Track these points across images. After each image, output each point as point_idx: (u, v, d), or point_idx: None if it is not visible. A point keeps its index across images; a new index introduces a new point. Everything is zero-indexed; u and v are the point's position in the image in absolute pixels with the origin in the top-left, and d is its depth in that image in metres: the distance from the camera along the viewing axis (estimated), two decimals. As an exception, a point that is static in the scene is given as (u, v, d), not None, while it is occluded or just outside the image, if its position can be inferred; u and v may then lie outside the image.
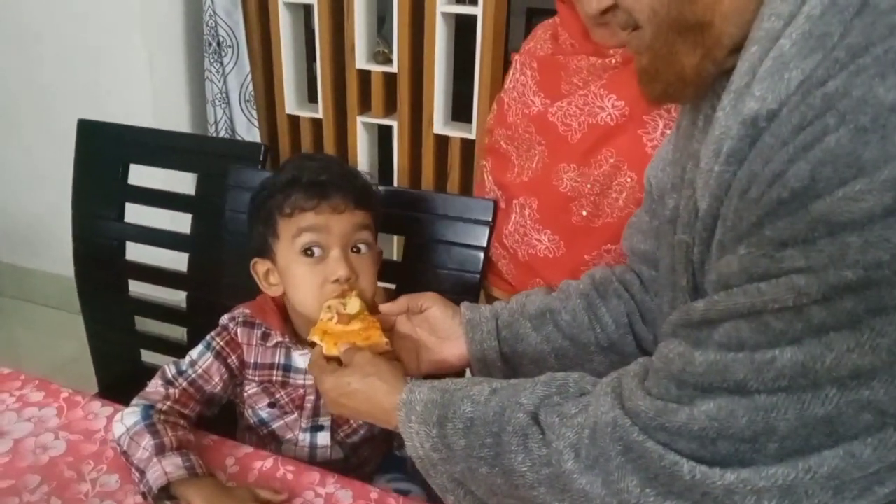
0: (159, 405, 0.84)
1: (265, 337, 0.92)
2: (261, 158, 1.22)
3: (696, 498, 0.53)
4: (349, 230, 0.87)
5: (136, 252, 1.34)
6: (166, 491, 0.76)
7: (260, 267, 0.91)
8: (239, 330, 0.92)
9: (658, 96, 0.63)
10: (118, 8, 2.09)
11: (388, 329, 0.88)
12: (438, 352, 0.90)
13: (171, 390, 0.86)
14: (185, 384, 0.88)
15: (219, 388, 0.90)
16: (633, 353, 0.85)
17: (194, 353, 0.91)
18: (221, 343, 0.91)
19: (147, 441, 0.78)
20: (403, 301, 0.90)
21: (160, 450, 0.78)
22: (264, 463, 0.83)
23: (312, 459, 0.92)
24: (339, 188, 0.86)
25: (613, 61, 0.92)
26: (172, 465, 0.76)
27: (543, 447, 0.61)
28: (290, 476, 0.81)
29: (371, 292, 0.90)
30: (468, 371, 0.97)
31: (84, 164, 1.31)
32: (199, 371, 0.89)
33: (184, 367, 0.89)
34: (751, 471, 0.51)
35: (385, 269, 1.18)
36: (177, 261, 1.32)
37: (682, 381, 0.54)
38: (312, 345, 0.88)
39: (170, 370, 0.89)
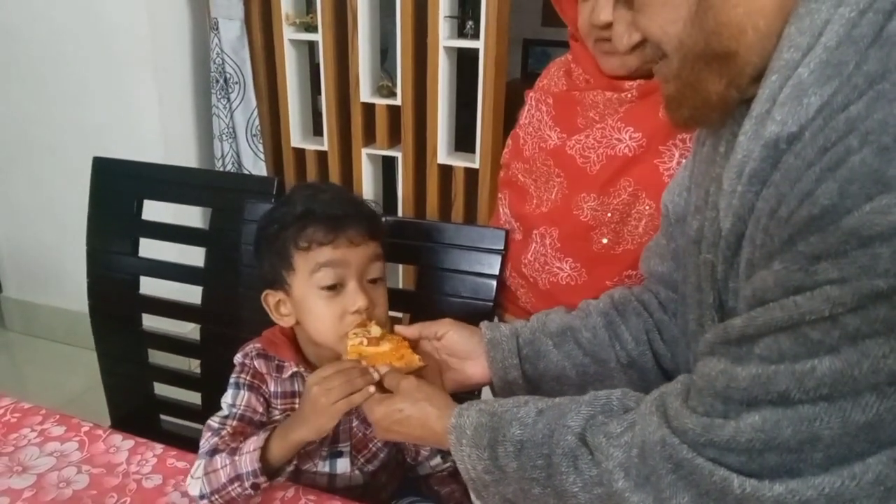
0: (217, 444, 0.84)
1: (279, 369, 0.93)
2: (273, 192, 1.24)
3: None
4: (365, 262, 0.88)
5: (146, 285, 1.36)
6: (269, 471, 0.80)
7: (271, 298, 0.92)
8: (256, 362, 0.93)
9: (685, 121, 0.67)
10: (129, 47, 2.14)
11: (414, 348, 0.89)
12: (461, 371, 0.92)
13: (224, 432, 0.86)
14: (234, 423, 0.88)
15: (265, 417, 0.91)
16: (653, 370, 0.87)
17: (227, 398, 0.91)
18: (248, 377, 0.91)
19: (219, 460, 0.81)
20: (416, 329, 0.91)
21: (234, 451, 0.81)
22: (286, 493, 0.83)
23: (332, 487, 0.92)
24: (353, 220, 0.88)
25: (629, 95, 0.95)
26: (254, 443, 0.80)
27: (594, 467, 0.63)
28: (311, 505, 0.82)
29: (385, 320, 0.91)
30: (485, 390, 0.98)
31: (98, 201, 1.33)
32: (242, 407, 0.89)
33: (226, 412, 0.89)
34: (799, 481, 0.52)
35: (398, 299, 1.20)
36: (183, 293, 1.34)
37: (727, 396, 0.56)
38: None
39: (213, 422, 0.88)
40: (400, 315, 1.83)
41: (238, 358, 0.94)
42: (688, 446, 0.57)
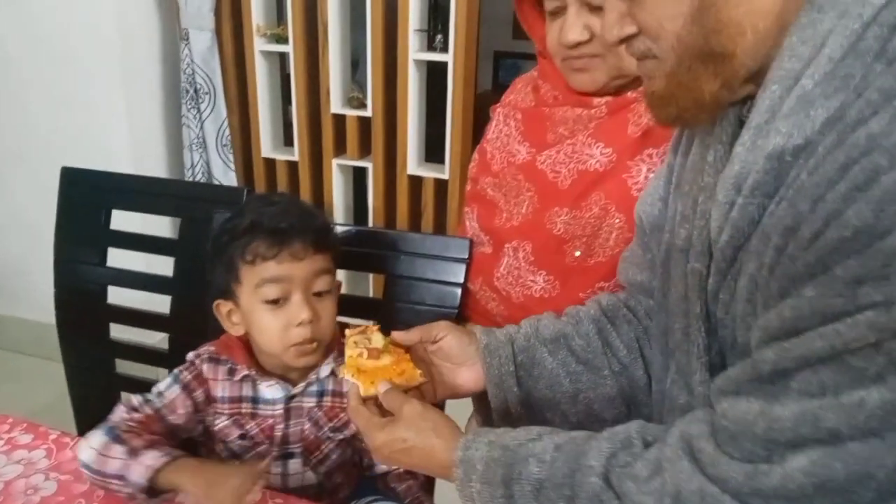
0: (123, 425, 0.86)
1: (231, 372, 0.95)
2: (243, 202, 1.26)
3: None
4: (309, 276, 0.89)
5: (113, 295, 1.36)
6: (151, 489, 0.79)
7: (223, 307, 0.94)
8: (205, 366, 0.95)
9: (672, 120, 0.66)
10: (98, 57, 2.14)
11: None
12: (454, 378, 0.90)
13: (135, 415, 0.89)
14: (149, 411, 0.90)
15: (181, 419, 0.92)
16: (642, 377, 0.87)
17: (162, 385, 0.94)
18: (189, 377, 0.94)
19: (117, 450, 0.81)
20: (416, 333, 0.89)
21: (133, 453, 0.81)
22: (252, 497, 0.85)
23: (285, 487, 0.94)
24: (298, 234, 0.88)
25: (598, 112, 0.98)
26: (151, 458, 0.80)
27: None
28: (279, 509, 0.83)
29: (330, 332, 0.93)
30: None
31: (67, 211, 1.33)
32: (165, 401, 0.92)
33: (150, 397, 0.92)
34: None
35: (366, 307, 1.22)
36: (150, 304, 1.34)
37: (770, 439, 0.53)
38: (293, 376, 0.92)
39: (136, 399, 0.91)
40: (370, 322, 1.85)
41: (190, 356, 0.96)
42: (730, 496, 0.54)
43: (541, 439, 0.68)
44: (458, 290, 1.10)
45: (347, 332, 0.86)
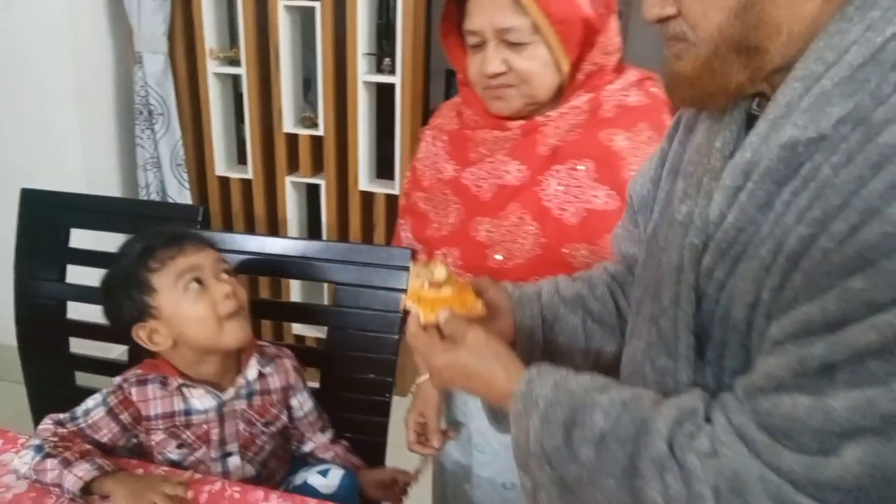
0: (47, 445, 0.92)
1: (163, 384, 1.01)
2: (199, 219, 1.33)
3: None
4: (215, 262, 1.01)
5: (72, 310, 1.41)
6: (87, 492, 0.88)
7: (142, 331, 0.99)
8: (133, 390, 1.00)
9: (692, 101, 0.70)
10: (53, 80, 2.19)
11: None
12: (492, 328, 0.89)
13: (60, 430, 0.96)
14: (73, 429, 0.97)
15: (106, 438, 0.99)
16: None
17: (91, 402, 1.00)
18: (115, 400, 0.99)
19: (51, 463, 0.89)
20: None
21: (66, 464, 0.89)
22: (213, 486, 0.93)
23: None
24: (189, 235, 1.02)
25: (513, 134, 1.11)
26: (83, 470, 0.88)
27: (683, 486, 0.61)
28: (237, 496, 0.91)
29: (246, 298, 1.02)
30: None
31: (27, 231, 1.39)
32: (90, 422, 0.98)
33: (77, 415, 0.99)
34: None
35: (318, 313, 1.30)
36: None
37: (825, 431, 0.54)
38: (209, 382, 0.99)
39: (63, 415, 0.98)
40: (323, 335, 1.92)
41: (117, 380, 1.02)
42: (790, 485, 0.56)
43: (607, 391, 0.70)
44: (402, 296, 1.19)
45: (412, 265, 0.90)
